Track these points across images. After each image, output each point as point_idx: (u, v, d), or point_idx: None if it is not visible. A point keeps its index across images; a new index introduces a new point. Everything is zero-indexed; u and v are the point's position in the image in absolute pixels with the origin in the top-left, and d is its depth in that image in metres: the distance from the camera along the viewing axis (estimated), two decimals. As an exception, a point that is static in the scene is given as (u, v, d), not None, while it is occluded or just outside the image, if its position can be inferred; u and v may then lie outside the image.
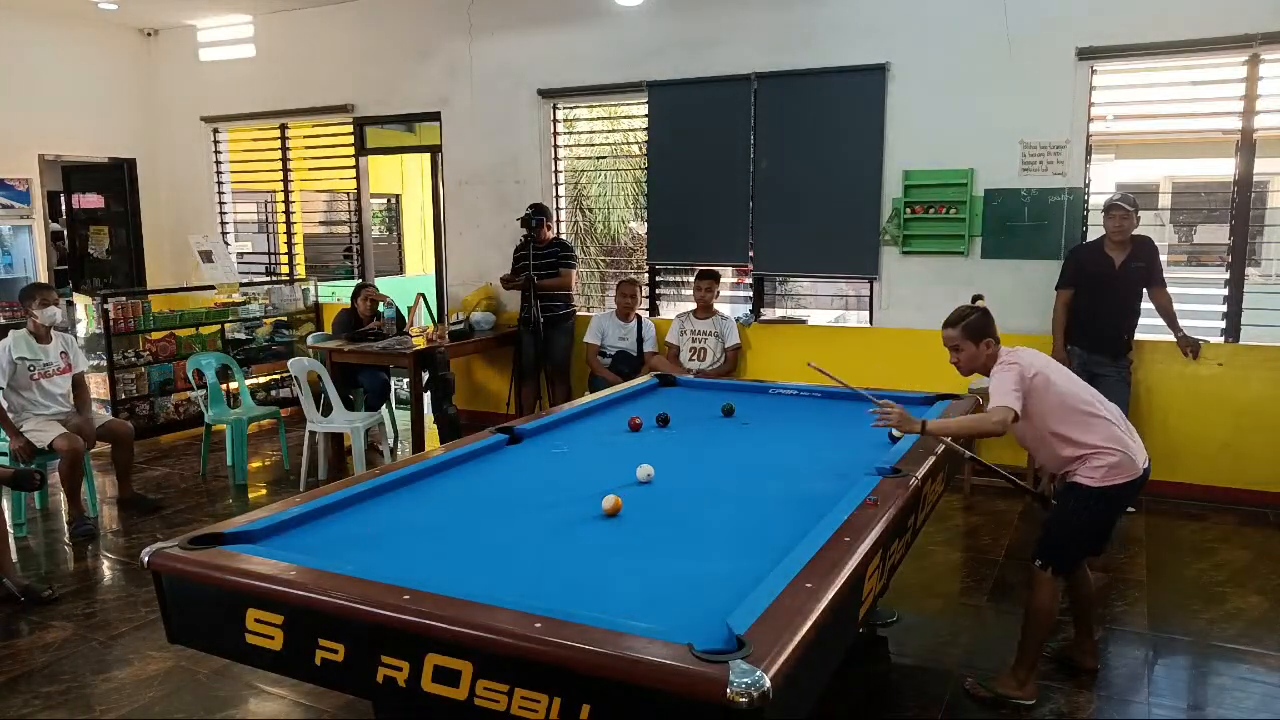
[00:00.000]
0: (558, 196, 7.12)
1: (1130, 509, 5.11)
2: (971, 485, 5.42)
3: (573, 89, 6.79)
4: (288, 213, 8.52)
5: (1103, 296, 5.01)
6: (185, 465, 6.25)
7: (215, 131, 8.61)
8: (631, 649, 1.69)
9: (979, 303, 3.28)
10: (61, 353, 5.12)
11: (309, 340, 7.01)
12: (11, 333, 5.02)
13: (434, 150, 7.45)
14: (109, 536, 4.93)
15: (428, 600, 1.90)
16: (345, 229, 8.83)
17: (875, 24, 5.77)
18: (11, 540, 4.29)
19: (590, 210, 9.18)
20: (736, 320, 6.24)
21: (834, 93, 5.91)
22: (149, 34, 8.62)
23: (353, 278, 8.15)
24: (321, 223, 10.37)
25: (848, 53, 5.84)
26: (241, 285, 7.66)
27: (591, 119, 7.33)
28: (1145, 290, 5.03)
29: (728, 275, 6.63)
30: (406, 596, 1.92)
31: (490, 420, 5.69)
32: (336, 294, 8.21)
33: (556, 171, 7.09)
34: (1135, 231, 5.04)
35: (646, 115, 6.56)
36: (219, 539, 2.33)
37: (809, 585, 1.98)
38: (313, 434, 5.68)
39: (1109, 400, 5.03)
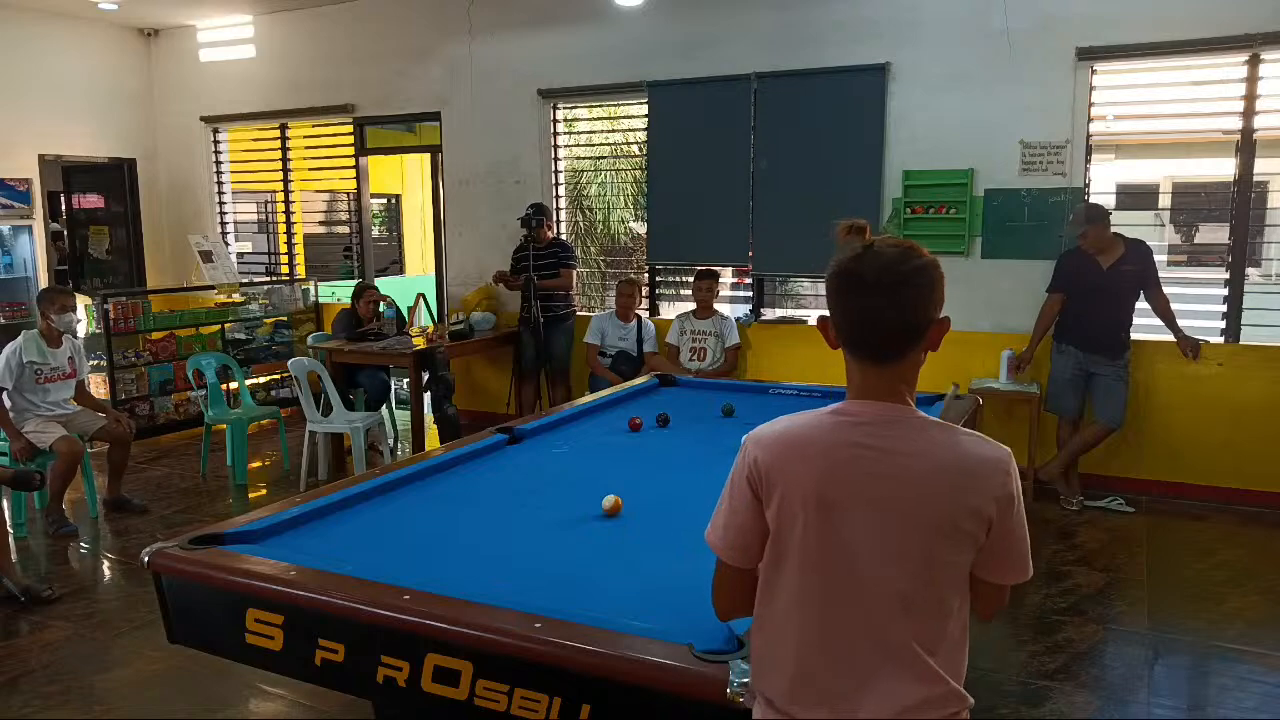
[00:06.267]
0: (558, 196, 7.11)
1: (1130, 508, 5.13)
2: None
3: (573, 89, 6.79)
4: (288, 213, 8.51)
5: (1093, 300, 5.01)
6: (185, 465, 6.25)
7: (215, 131, 8.60)
8: (631, 649, 1.69)
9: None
10: (69, 357, 5.12)
11: (309, 340, 7.01)
12: (23, 333, 5.01)
13: (434, 150, 7.44)
14: (108, 536, 4.93)
15: (428, 600, 1.91)
16: (345, 229, 8.82)
17: (875, 24, 5.77)
18: (11, 540, 4.29)
19: (590, 210, 9.18)
20: (736, 320, 6.24)
21: (834, 93, 5.90)
22: (149, 34, 8.61)
23: (353, 277, 8.14)
24: (321, 223, 10.37)
25: (848, 53, 5.84)
26: (241, 285, 7.65)
27: (591, 119, 7.33)
28: (1142, 292, 5.03)
29: (727, 275, 6.63)
30: (406, 596, 1.92)
31: (490, 420, 5.69)
32: (336, 294, 8.21)
33: (556, 171, 7.08)
34: (1131, 235, 5.04)
35: (646, 115, 6.56)
36: (219, 539, 2.33)
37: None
38: (313, 434, 5.67)
39: (1106, 399, 5.09)
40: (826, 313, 1.43)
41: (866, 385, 1.40)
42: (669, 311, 6.79)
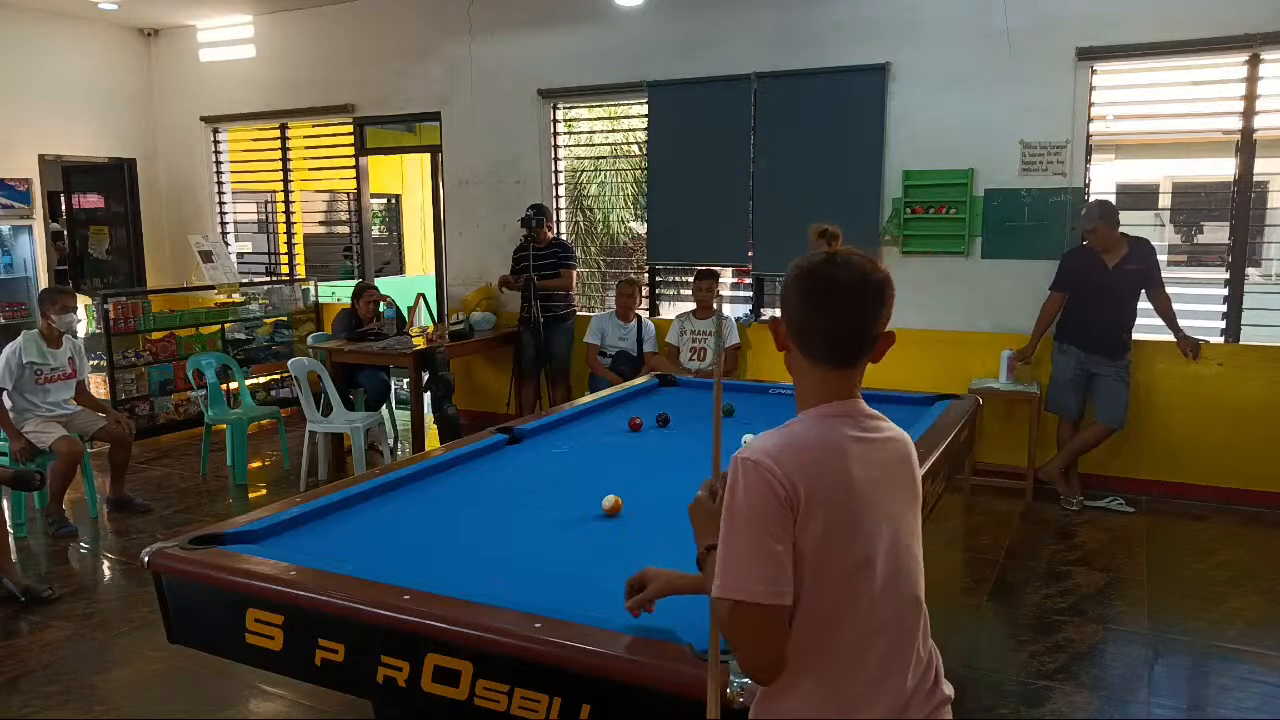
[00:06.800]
0: (558, 196, 7.11)
1: (1130, 508, 5.13)
2: (972, 486, 5.42)
3: (573, 89, 6.79)
4: (288, 213, 8.51)
5: (1096, 299, 5.01)
6: (185, 465, 6.25)
7: (215, 131, 8.60)
8: (631, 649, 1.69)
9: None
10: (69, 358, 5.11)
11: (309, 340, 7.01)
12: (23, 333, 5.00)
13: (434, 150, 7.44)
14: (108, 536, 4.93)
15: (428, 600, 1.91)
16: (345, 229, 8.82)
17: (875, 24, 5.77)
18: (11, 540, 4.29)
19: (590, 210, 9.18)
20: (736, 320, 6.24)
21: (834, 93, 5.90)
22: (149, 34, 8.61)
23: (353, 277, 8.14)
24: (321, 223, 10.36)
25: (848, 53, 5.83)
26: (242, 285, 7.65)
27: (591, 119, 7.33)
28: (1144, 291, 5.03)
29: (727, 275, 6.62)
30: (406, 596, 1.92)
31: (490, 420, 5.69)
32: (336, 294, 8.21)
33: (556, 171, 7.08)
34: (1133, 233, 5.04)
35: (646, 115, 6.56)
36: (219, 539, 2.33)
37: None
38: (313, 434, 5.67)
39: (1107, 400, 5.09)
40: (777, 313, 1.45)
41: (828, 389, 1.41)
42: (669, 311, 6.79)
